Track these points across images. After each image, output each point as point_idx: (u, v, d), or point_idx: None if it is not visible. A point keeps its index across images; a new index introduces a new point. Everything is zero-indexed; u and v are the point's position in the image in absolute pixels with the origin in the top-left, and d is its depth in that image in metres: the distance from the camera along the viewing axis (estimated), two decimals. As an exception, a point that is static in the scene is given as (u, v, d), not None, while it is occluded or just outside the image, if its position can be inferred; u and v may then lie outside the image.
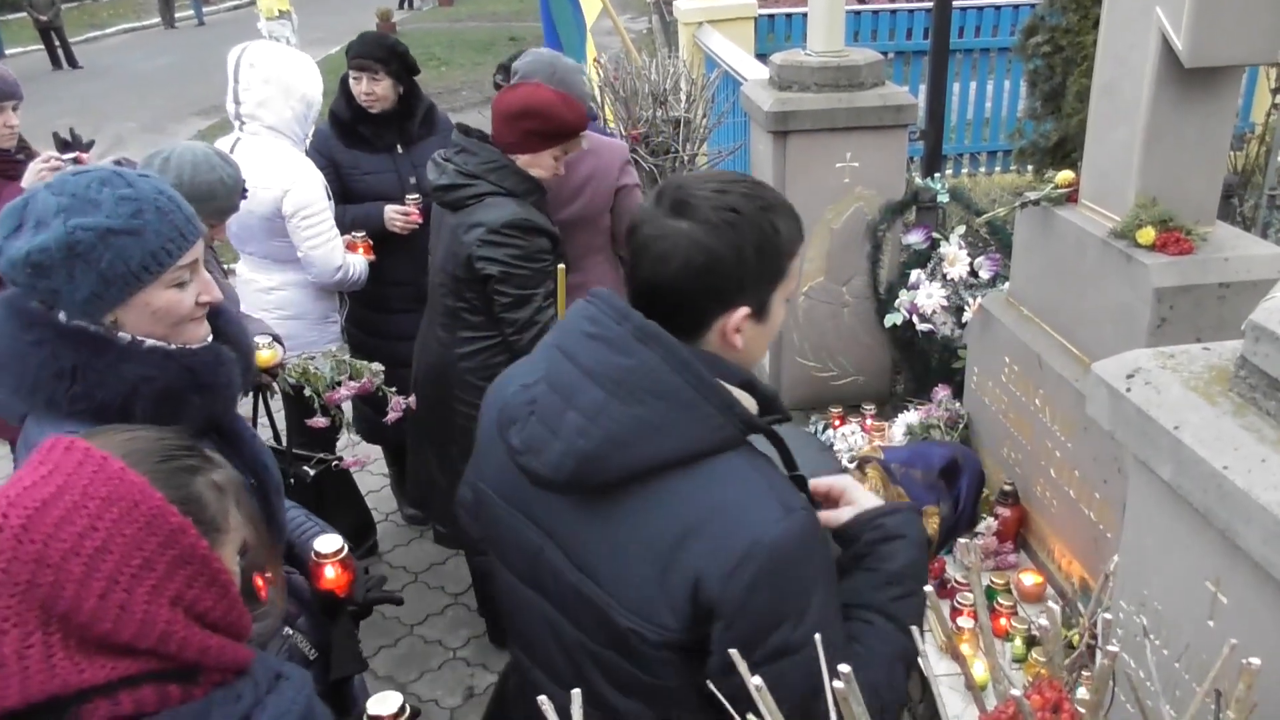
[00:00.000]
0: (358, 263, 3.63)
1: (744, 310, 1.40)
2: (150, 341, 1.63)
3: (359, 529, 3.65)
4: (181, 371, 1.64)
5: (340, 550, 1.87)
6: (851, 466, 3.04)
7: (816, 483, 1.57)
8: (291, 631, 1.75)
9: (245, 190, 2.79)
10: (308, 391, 2.96)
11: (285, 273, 3.59)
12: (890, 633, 1.44)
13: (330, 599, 1.87)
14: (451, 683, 3.52)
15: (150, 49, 18.16)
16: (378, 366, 3.08)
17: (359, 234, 3.71)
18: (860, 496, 1.56)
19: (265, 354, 2.82)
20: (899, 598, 1.46)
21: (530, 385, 1.42)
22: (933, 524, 2.84)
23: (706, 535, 1.30)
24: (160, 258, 1.61)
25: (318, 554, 1.87)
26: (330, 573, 1.86)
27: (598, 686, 1.46)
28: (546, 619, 1.51)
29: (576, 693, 0.94)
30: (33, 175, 3.07)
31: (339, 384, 2.98)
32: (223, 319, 1.80)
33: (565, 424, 1.33)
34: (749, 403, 1.41)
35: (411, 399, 3.13)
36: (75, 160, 3.27)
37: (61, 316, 1.58)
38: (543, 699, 0.94)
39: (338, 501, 3.17)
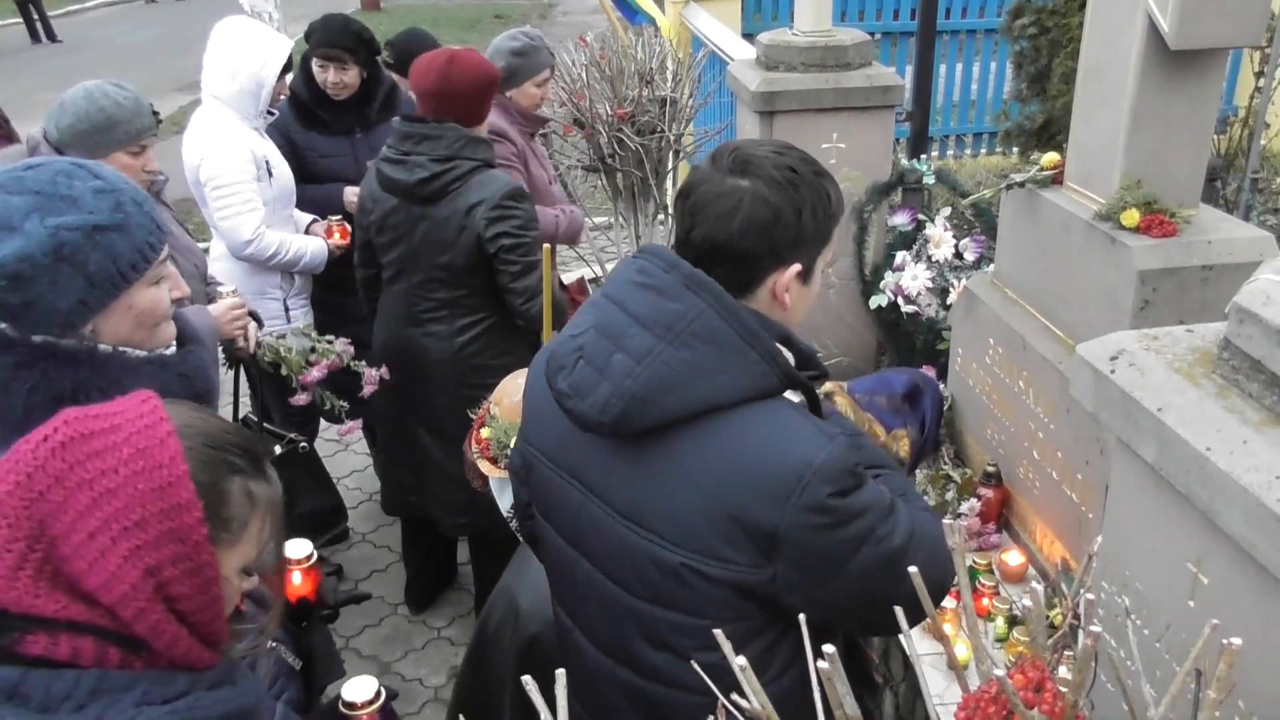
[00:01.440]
0: (309, 245, 3.57)
1: (796, 268, 1.45)
2: (133, 352, 1.50)
3: (329, 513, 3.64)
4: (179, 380, 1.55)
5: (309, 556, 1.83)
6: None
7: None
8: (275, 644, 1.72)
9: (157, 114, 2.78)
10: (284, 370, 2.94)
11: (219, 243, 3.57)
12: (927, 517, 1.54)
13: (302, 605, 1.82)
14: (436, 662, 3.53)
15: (131, 23, 17.94)
16: (343, 343, 3.06)
17: (335, 218, 3.68)
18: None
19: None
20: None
21: (578, 334, 1.45)
22: (904, 447, 2.86)
23: (758, 469, 1.35)
24: (146, 253, 1.48)
25: (286, 559, 1.81)
26: (298, 579, 1.81)
27: (633, 645, 1.50)
28: (587, 579, 1.54)
29: (561, 673, 0.94)
30: None
31: (310, 364, 2.96)
32: (179, 319, 1.68)
33: (613, 366, 1.36)
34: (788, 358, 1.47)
35: (383, 369, 3.11)
36: None
37: (35, 337, 1.42)
38: (527, 679, 0.94)
39: (307, 484, 3.16)
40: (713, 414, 1.37)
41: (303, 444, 3.03)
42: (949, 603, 2.82)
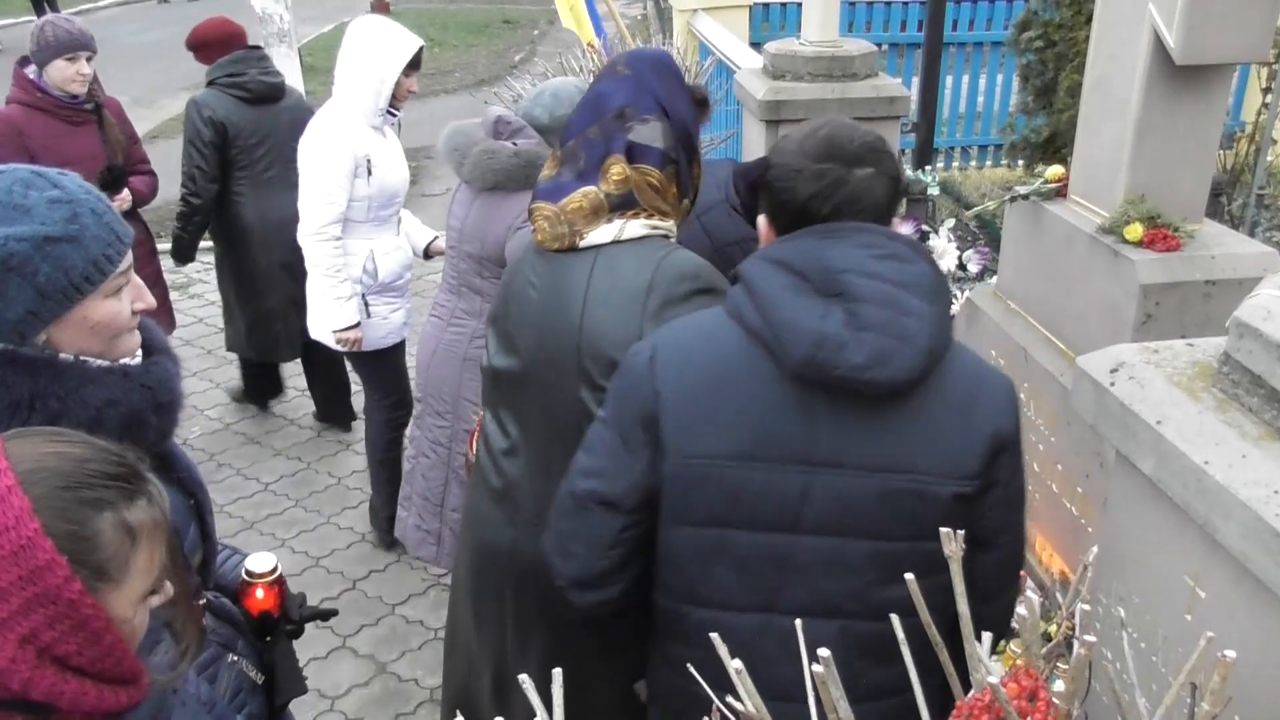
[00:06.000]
0: (347, 304, 3.66)
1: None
2: (95, 362, 1.47)
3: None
4: (142, 391, 1.50)
5: (273, 570, 1.80)
6: None
7: None
8: (236, 658, 1.69)
9: None
10: None
11: (410, 216, 3.95)
12: None
13: (265, 620, 1.79)
14: (432, 663, 3.53)
15: (143, 23, 17.99)
16: None
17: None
18: None
19: None
20: None
21: (824, 316, 1.50)
22: (614, 174, 2.79)
23: (985, 388, 1.59)
24: (102, 265, 1.43)
25: (250, 574, 1.78)
26: (260, 594, 1.78)
27: (871, 593, 1.59)
28: (809, 554, 1.60)
29: (558, 672, 0.94)
30: None
31: None
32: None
33: (908, 329, 1.49)
34: None
35: None
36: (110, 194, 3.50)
37: None
38: (523, 677, 0.95)
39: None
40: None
41: None
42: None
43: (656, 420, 1.60)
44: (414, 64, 3.54)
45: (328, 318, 3.65)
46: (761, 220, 1.71)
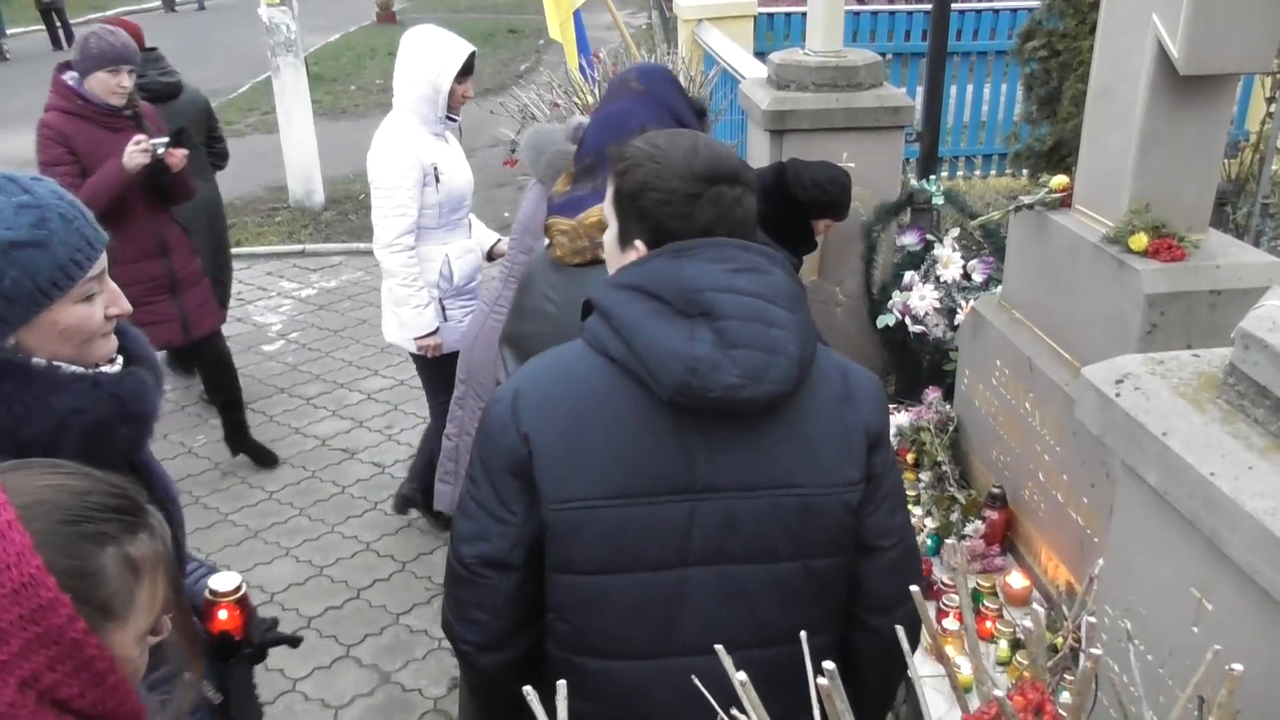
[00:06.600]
0: (425, 311, 3.76)
1: None
2: (68, 368, 1.46)
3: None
4: (111, 401, 1.49)
5: (237, 589, 1.74)
6: None
7: None
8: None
9: None
10: None
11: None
12: None
13: (225, 641, 1.73)
14: (436, 673, 3.52)
15: (151, 32, 18.01)
16: None
17: None
18: None
19: None
20: None
21: (691, 338, 1.45)
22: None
23: (854, 388, 1.59)
24: (70, 271, 1.43)
25: (213, 592, 1.73)
26: (224, 614, 1.73)
27: (771, 617, 1.57)
28: (699, 586, 1.56)
29: (562, 684, 0.94)
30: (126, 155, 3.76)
31: None
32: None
33: (777, 341, 1.47)
34: None
35: None
36: (166, 149, 3.85)
37: None
38: (528, 689, 0.94)
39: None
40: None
41: None
42: (952, 624, 2.82)
43: (528, 466, 1.52)
44: (466, 70, 3.60)
45: (408, 326, 3.72)
46: (609, 238, 1.66)
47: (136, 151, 3.81)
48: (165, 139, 3.92)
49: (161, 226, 4.17)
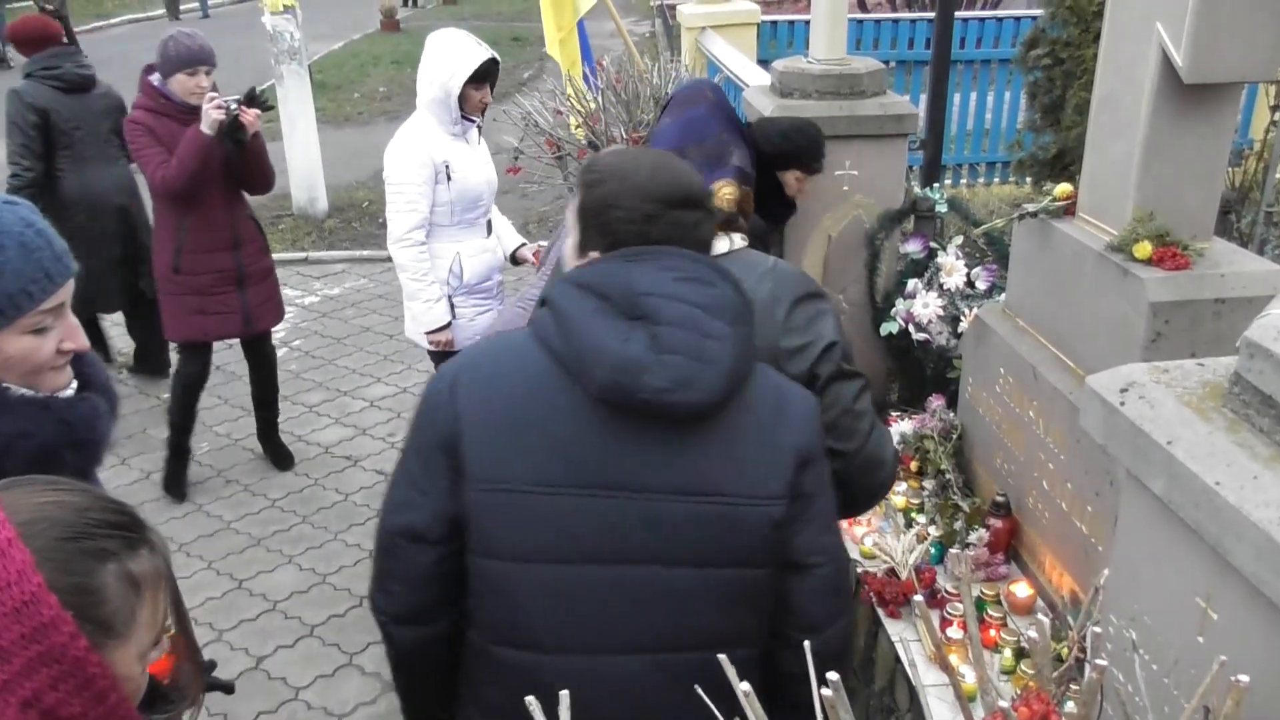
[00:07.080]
0: (435, 305, 3.77)
1: None
2: (18, 390, 1.44)
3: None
4: (59, 426, 1.47)
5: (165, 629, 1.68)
6: None
7: None
8: None
9: None
10: None
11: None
12: None
13: (151, 687, 1.68)
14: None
15: (155, 40, 18.13)
16: None
17: None
18: None
19: None
20: None
21: (626, 340, 1.48)
22: (727, 194, 2.33)
23: (787, 406, 1.61)
24: (18, 301, 1.40)
25: None
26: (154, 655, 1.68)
27: (694, 621, 1.56)
28: (614, 585, 1.55)
29: (564, 693, 0.94)
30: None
31: None
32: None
33: (709, 352, 1.49)
34: None
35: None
36: (239, 105, 3.97)
37: None
38: (530, 699, 0.94)
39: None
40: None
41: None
42: (956, 633, 2.81)
43: (457, 445, 1.54)
44: (482, 76, 3.62)
45: (419, 320, 3.76)
46: (569, 245, 1.71)
47: (212, 108, 3.92)
48: (237, 96, 4.05)
49: (237, 220, 4.30)
